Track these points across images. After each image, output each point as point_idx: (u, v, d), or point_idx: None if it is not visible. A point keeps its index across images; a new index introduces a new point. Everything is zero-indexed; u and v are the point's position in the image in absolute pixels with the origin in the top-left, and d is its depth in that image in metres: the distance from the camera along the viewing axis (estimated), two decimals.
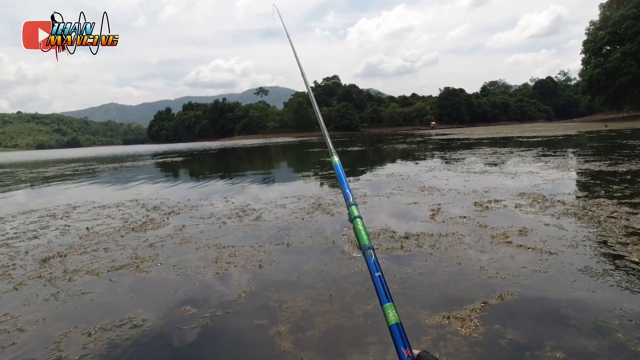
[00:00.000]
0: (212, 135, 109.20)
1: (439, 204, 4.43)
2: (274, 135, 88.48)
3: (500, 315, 1.85)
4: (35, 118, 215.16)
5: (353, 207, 1.17)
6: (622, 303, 1.89)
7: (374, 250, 1.03)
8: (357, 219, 1.14)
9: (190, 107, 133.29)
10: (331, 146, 1.53)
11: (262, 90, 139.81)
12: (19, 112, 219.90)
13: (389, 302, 0.91)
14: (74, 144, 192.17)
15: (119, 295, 2.33)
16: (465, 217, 3.78)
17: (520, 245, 2.82)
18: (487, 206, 4.19)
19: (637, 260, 2.41)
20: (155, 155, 25.47)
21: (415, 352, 0.86)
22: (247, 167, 13.14)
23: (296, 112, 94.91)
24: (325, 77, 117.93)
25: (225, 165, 14.07)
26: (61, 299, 2.30)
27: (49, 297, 2.34)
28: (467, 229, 3.34)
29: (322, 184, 6.84)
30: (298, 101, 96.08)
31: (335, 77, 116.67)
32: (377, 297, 0.94)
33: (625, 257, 2.47)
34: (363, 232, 1.10)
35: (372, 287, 2.25)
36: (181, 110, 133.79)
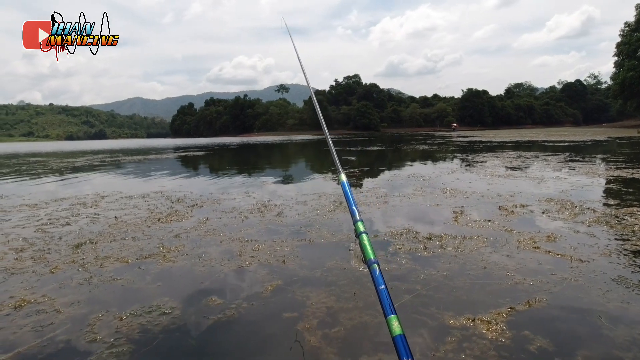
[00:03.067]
0: (232, 131, 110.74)
1: (462, 207, 4.36)
2: (294, 132, 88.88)
3: (528, 321, 1.81)
4: (65, 110, 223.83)
5: (359, 224, 1.24)
6: None
7: (379, 265, 1.09)
8: (363, 234, 1.20)
9: (212, 102, 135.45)
10: (339, 165, 1.60)
11: (282, 88, 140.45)
12: (50, 104, 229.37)
13: (393, 314, 0.97)
14: (100, 135, 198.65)
15: (147, 283, 2.40)
16: (489, 220, 3.70)
17: (549, 252, 2.75)
18: (512, 210, 4.09)
19: None
20: (177, 149, 26.04)
21: None
22: (267, 163, 13.28)
23: (316, 110, 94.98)
24: (346, 75, 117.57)
25: (245, 161, 14.25)
26: (94, 284, 2.40)
27: (83, 281, 2.44)
28: (492, 233, 3.28)
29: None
30: (318, 99, 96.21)
31: (356, 75, 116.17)
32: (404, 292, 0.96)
33: None
34: (368, 247, 1.16)
35: (396, 287, 2.23)
36: (203, 106, 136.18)
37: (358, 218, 1.27)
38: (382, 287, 1.03)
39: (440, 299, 2.07)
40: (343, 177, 1.51)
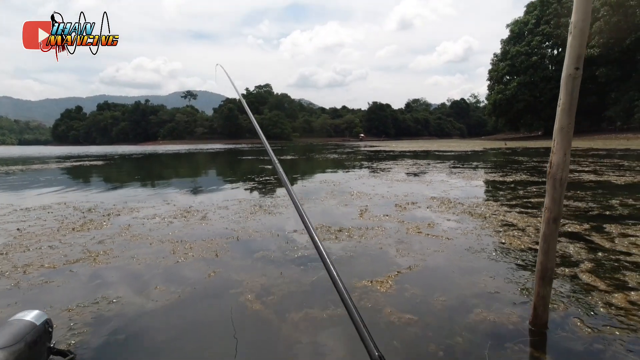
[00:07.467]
0: (132, 139, 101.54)
1: (367, 206, 5.15)
2: (203, 141, 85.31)
3: (408, 279, 2.51)
4: None
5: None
6: (493, 269, 2.68)
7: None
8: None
9: (107, 106, 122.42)
10: (284, 177, 1.49)
11: (190, 94, 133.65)
12: None
13: None
14: None
15: (85, 282, 2.52)
16: (387, 215, 4.52)
17: (428, 235, 3.60)
18: (405, 207, 5.01)
19: (504, 242, 3.31)
20: (66, 158, 23.18)
21: None
22: (179, 173, 12.90)
23: (227, 118, 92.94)
24: (257, 84, 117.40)
25: (154, 172, 13.60)
26: (24, 288, 2.42)
27: (10, 287, 2.43)
28: (389, 224, 4.07)
29: (260, 190, 7.23)
30: (229, 107, 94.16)
31: (267, 85, 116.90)
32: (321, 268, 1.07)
33: (498, 241, 3.36)
34: None
35: (313, 264, 2.78)
36: (95, 110, 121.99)
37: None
38: None
39: (348, 270, 2.67)
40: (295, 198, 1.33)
